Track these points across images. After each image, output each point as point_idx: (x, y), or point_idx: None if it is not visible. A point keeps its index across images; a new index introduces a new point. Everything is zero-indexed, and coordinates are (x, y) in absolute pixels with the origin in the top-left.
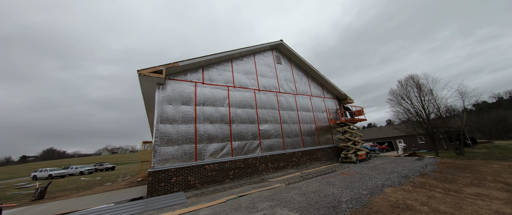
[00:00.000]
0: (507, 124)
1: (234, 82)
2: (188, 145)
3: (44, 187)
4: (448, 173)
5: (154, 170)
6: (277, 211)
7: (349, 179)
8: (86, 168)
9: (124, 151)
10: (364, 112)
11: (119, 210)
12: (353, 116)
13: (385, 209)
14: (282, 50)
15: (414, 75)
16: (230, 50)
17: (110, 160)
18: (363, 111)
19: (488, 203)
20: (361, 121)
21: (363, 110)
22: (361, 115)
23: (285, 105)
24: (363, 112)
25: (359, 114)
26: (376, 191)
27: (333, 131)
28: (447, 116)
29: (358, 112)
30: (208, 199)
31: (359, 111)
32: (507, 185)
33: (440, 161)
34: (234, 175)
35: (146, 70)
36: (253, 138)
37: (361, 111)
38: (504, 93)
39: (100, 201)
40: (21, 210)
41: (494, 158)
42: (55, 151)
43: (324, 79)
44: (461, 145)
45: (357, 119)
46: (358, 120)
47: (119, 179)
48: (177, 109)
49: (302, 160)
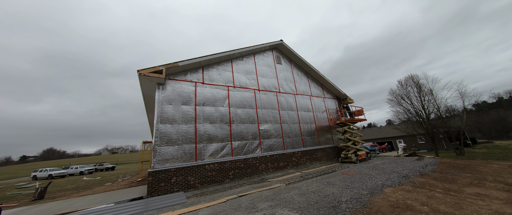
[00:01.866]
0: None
1: (234, 82)
2: (188, 145)
3: (44, 187)
4: (448, 173)
5: (154, 170)
6: (277, 211)
7: (349, 179)
8: (86, 168)
9: (124, 151)
10: (363, 112)
11: (119, 210)
12: (353, 116)
13: (385, 209)
14: (282, 50)
15: (414, 75)
16: (230, 50)
17: (110, 160)
18: (363, 111)
19: (488, 203)
20: (361, 121)
21: (363, 110)
22: (361, 115)
23: (285, 105)
24: (363, 111)
25: (359, 114)
26: (376, 191)
27: (333, 131)
28: (447, 116)
29: (357, 112)
30: (208, 199)
31: (359, 110)
32: (507, 185)
33: (440, 161)
34: (234, 175)
35: (146, 70)
36: (253, 138)
37: (361, 111)
38: (504, 93)
39: (100, 201)
40: (21, 210)
41: (494, 158)
42: (55, 151)
43: (324, 79)
44: (461, 145)
45: (357, 119)
46: (358, 120)
47: (119, 179)
48: (177, 109)
49: (302, 160)
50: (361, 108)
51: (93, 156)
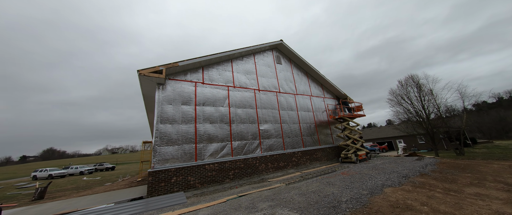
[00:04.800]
0: (507, 124)
1: (234, 82)
2: (188, 145)
3: (44, 187)
4: (448, 173)
5: (154, 170)
6: (277, 211)
7: (349, 179)
8: (86, 168)
9: (124, 151)
10: (363, 108)
11: (119, 210)
12: (352, 112)
13: (385, 209)
14: (282, 50)
15: (414, 75)
16: (230, 50)
17: (110, 160)
18: (361, 107)
19: (488, 203)
20: (360, 117)
21: (362, 106)
22: (360, 111)
23: (285, 105)
24: (361, 107)
25: (358, 110)
26: (376, 191)
27: (332, 128)
28: (447, 116)
29: (357, 107)
30: (208, 199)
31: (358, 106)
32: (507, 185)
33: (440, 161)
34: (234, 175)
35: (146, 70)
36: (253, 138)
37: (360, 107)
38: (504, 93)
39: (100, 201)
40: (21, 210)
41: (494, 158)
42: (55, 151)
43: (324, 79)
44: (461, 145)
45: (356, 114)
46: (357, 115)
47: (119, 179)
48: (177, 109)
49: (302, 160)
50: (360, 104)
51: (93, 156)
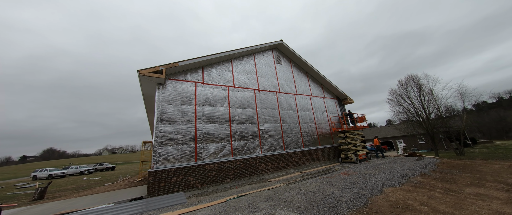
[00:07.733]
0: (507, 124)
1: (234, 82)
2: (188, 145)
3: (44, 187)
4: (448, 173)
5: (154, 170)
6: (277, 211)
7: (349, 179)
8: (86, 168)
9: (124, 151)
10: (365, 119)
11: (119, 210)
12: (355, 123)
13: (385, 209)
14: (282, 50)
15: (414, 75)
16: (230, 50)
17: (110, 160)
18: (364, 118)
19: (488, 203)
20: (363, 128)
21: (365, 117)
22: (362, 122)
23: (285, 105)
24: (364, 118)
25: (361, 121)
26: (376, 191)
27: (334, 135)
28: (447, 116)
29: (360, 118)
30: (208, 199)
31: (361, 117)
32: (507, 185)
33: (440, 161)
34: (234, 175)
35: (146, 70)
36: (253, 138)
37: (363, 118)
38: (504, 93)
39: (100, 201)
40: (21, 210)
41: (494, 158)
42: (55, 151)
43: (324, 79)
44: (461, 145)
45: (359, 126)
46: (360, 127)
47: (119, 179)
48: (177, 109)
49: (302, 160)
50: (363, 115)
51: (93, 156)
